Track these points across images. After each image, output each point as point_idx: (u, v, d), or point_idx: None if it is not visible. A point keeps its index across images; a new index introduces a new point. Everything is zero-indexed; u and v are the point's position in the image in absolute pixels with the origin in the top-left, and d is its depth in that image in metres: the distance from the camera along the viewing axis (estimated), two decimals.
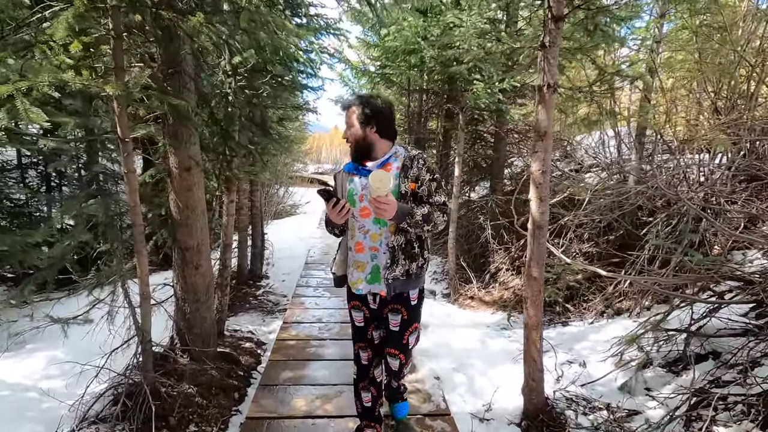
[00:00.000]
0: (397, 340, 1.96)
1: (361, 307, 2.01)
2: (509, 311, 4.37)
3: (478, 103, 4.32)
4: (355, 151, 1.88)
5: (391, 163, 1.87)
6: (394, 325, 1.94)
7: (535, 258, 2.38)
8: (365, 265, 1.90)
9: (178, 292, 2.90)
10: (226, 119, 3.17)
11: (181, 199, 2.77)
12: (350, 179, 1.93)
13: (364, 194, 1.85)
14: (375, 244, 1.87)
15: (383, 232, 1.86)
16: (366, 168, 1.88)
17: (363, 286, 1.92)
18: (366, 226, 1.88)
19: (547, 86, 2.18)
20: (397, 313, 1.93)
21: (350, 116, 1.86)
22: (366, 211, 1.85)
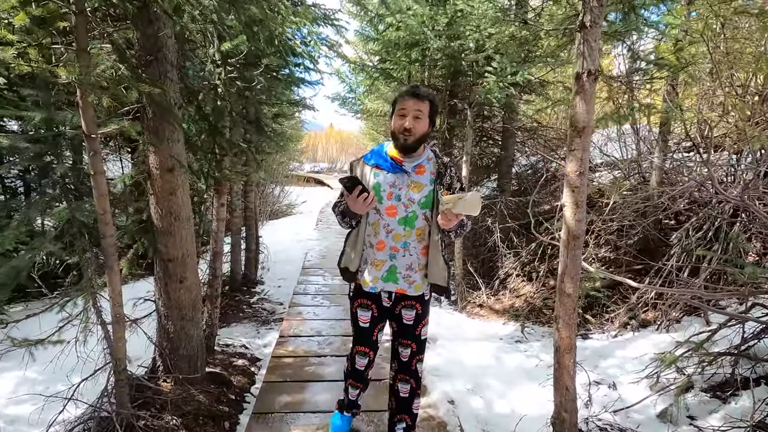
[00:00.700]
0: (411, 332, 1.96)
1: (370, 306, 1.94)
2: (522, 321, 4.07)
3: (489, 97, 4.01)
4: (410, 145, 1.78)
5: (424, 166, 1.83)
6: (407, 319, 1.94)
7: (569, 272, 2.08)
8: (383, 263, 1.85)
9: (161, 309, 2.58)
10: (214, 114, 2.84)
11: (162, 204, 2.44)
12: (375, 173, 1.84)
13: (393, 192, 1.81)
14: (396, 244, 1.82)
15: (408, 234, 1.82)
16: (401, 166, 1.81)
17: (378, 284, 1.86)
18: (391, 225, 1.82)
19: (587, 73, 1.87)
20: (411, 309, 1.93)
21: (422, 107, 1.76)
22: (393, 209, 1.81)
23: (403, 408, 2.03)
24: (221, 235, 3.21)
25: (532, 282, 4.65)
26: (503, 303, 4.58)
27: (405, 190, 1.80)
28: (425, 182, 1.81)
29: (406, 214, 1.80)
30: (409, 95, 1.77)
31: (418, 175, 1.82)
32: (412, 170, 1.81)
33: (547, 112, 6.94)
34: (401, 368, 2.02)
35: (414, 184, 1.81)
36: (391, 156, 1.83)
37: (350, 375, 2.14)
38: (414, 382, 2.01)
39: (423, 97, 1.76)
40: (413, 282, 1.87)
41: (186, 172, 2.54)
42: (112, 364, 2.03)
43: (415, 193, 1.80)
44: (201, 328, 2.76)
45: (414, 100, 1.75)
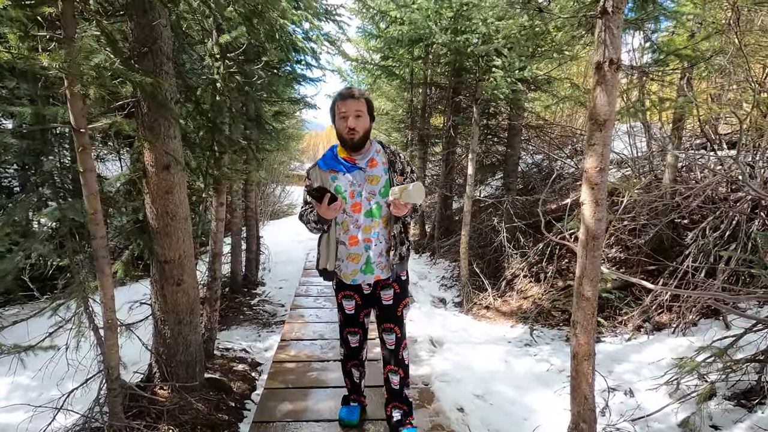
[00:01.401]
0: (392, 312, 2.05)
1: (353, 296, 2.06)
2: (531, 324, 3.95)
3: (496, 93, 3.89)
4: (357, 143, 1.88)
5: (375, 158, 1.95)
6: (386, 299, 2.02)
7: (587, 274, 1.96)
8: (360, 256, 1.95)
9: (157, 313, 2.47)
10: (213, 110, 2.73)
11: (158, 203, 2.33)
12: (332, 176, 1.95)
13: (354, 191, 1.91)
14: (368, 235, 1.95)
15: (375, 224, 1.95)
16: (355, 164, 1.92)
17: (358, 276, 1.97)
18: (359, 221, 1.94)
19: (609, 62, 1.75)
20: (389, 288, 2.02)
21: (360, 105, 1.87)
22: (357, 206, 1.92)
23: (396, 397, 2.14)
24: (220, 235, 3.10)
25: (539, 283, 4.53)
26: (510, 305, 4.46)
27: (364, 185, 1.92)
28: (380, 173, 1.94)
29: (370, 206, 1.93)
30: (347, 97, 1.87)
31: (372, 168, 1.94)
32: (365, 165, 1.93)
33: (553, 110, 6.82)
34: (390, 358, 2.10)
35: (370, 177, 1.93)
36: (344, 157, 1.94)
37: (348, 357, 2.22)
38: (402, 371, 2.11)
39: (359, 96, 1.89)
40: (384, 266, 1.98)
41: (183, 170, 2.43)
42: (103, 374, 1.92)
43: (374, 185, 1.93)
44: (199, 333, 2.65)
45: (352, 100, 1.86)
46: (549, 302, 4.20)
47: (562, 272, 4.50)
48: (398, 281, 2.03)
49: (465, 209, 4.61)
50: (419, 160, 7.89)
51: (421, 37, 4.84)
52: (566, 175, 6.95)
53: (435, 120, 9.45)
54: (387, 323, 2.06)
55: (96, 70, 1.65)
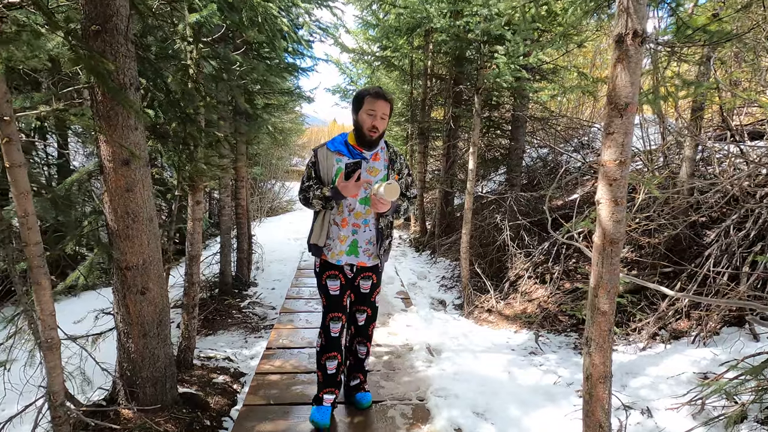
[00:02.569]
0: (367, 299, 2.26)
1: (338, 275, 2.16)
2: (536, 330, 3.69)
3: (498, 82, 3.60)
4: (375, 141, 2.03)
5: (379, 153, 2.11)
6: (364, 288, 2.22)
7: (604, 285, 1.69)
8: (346, 239, 2.10)
9: (120, 325, 2.22)
10: (184, 98, 2.46)
11: (117, 202, 2.08)
12: (338, 158, 2.06)
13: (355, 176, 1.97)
14: (358, 221, 2.09)
15: (367, 212, 2.09)
16: (361, 153, 2.05)
17: (343, 257, 2.11)
18: (352, 205, 2.08)
19: (632, 34, 1.47)
20: (368, 279, 2.20)
21: (387, 109, 2.01)
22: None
23: (358, 367, 2.40)
24: (198, 237, 2.85)
25: (545, 285, 4.26)
26: (514, 308, 4.19)
27: (364, 174, 2.03)
28: (381, 168, 2.10)
29: (366, 195, 2.05)
30: (379, 97, 1.98)
31: (375, 161, 2.09)
32: (369, 157, 2.07)
33: (559, 101, 6.51)
34: (358, 332, 2.35)
35: (372, 169, 2.08)
36: (352, 145, 2.07)
37: (325, 348, 2.26)
38: (369, 343, 2.38)
39: (388, 99, 2.01)
40: (371, 254, 2.14)
41: (146, 165, 2.16)
42: (46, 397, 1.68)
43: (373, 176, 2.07)
44: (170, 345, 2.40)
45: (383, 102, 1.98)
46: (555, 306, 3.93)
47: (570, 273, 4.23)
48: (376, 272, 2.23)
49: (466, 206, 4.33)
50: (419, 154, 7.61)
51: (419, 23, 4.54)
52: (572, 170, 6.66)
53: (436, 113, 9.15)
54: (361, 306, 2.28)
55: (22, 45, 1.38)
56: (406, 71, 7.82)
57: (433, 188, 8.83)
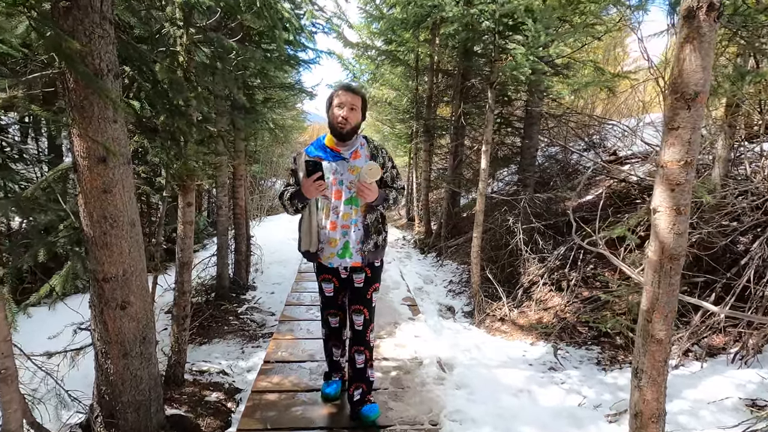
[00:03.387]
0: (361, 296, 2.19)
1: (332, 279, 2.21)
2: (554, 342, 3.43)
3: (515, 75, 3.33)
4: (346, 134, 2.00)
5: (359, 151, 2.08)
6: (358, 282, 2.16)
7: (660, 308, 1.43)
8: (337, 241, 2.08)
9: (97, 343, 1.96)
10: (172, 87, 2.20)
11: (93, 205, 1.82)
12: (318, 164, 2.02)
13: (336, 178, 2.03)
14: (346, 222, 2.08)
15: (354, 212, 2.07)
16: (340, 154, 2.04)
17: (335, 260, 2.10)
18: (339, 207, 2.06)
19: (707, 7, 1.21)
20: (361, 272, 2.15)
21: (356, 100, 2.00)
22: (339, 193, 2.05)
23: (359, 377, 2.30)
24: (189, 241, 2.59)
25: (561, 292, 4.00)
26: (528, 317, 3.94)
27: (346, 175, 2.04)
28: (361, 165, 2.02)
29: (350, 194, 2.05)
30: (345, 89, 2.00)
31: (355, 159, 2.06)
32: (349, 156, 2.05)
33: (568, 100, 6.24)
34: (356, 339, 2.26)
35: (352, 167, 2.04)
36: (330, 146, 2.05)
37: (329, 337, 2.39)
38: (368, 353, 2.28)
39: (356, 92, 2.02)
40: (365, 252, 2.10)
41: (127, 163, 1.91)
42: None
43: (354, 175, 2.03)
44: (155, 365, 2.15)
45: (350, 93, 1.99)
46: (573, 315, 3.67)
47: (588, 280, 3.97)
48: (371, 266, 2.17)
49: (477, 208, 4.07)
50: (425, 152, 7.35)
51: (429, 13, 4.28)
52: (582, 169, 6.39)
53: (441, 110, 8.89)
54: (356, 305, 2.21)
55: None
56: (411, 66, 7.55)
57: (438, 188, 8.57)
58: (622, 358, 3.08)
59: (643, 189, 4.34)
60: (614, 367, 3.00)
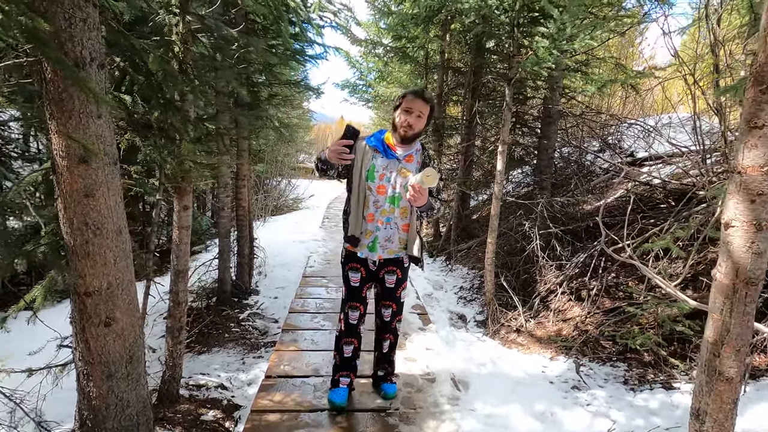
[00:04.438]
0: (392, 294, 2.30)
1: (359, 268, 2.23)
2: (575, 357, 3.20)
3: (537, 70, 3.11)
4: (408, 138, 2.08)
5: (413, 156, 2.15)
6: (389, 283, 2.26)
7: (732, 341, 1.20)
8: (371, 234, 2.16)
9: (78, 363, 1.77)
10: (166, 80, 2.00)
11: (73, 210, 1.63)
12: (374, 155, 2.12)
13: (384, 174, 2.11)
14: (383, 218, 2.14)
15: (393, 211, 2.14)
16: (395, 153, 2.11)
17: (365, 251, 2.18)
18: (380, 202, 2.13)
19: None
20: (392, 273, 2.25)
21: (424, 108, 2.05)
22: (383, 189, 2.12)
23: (384, 359, 2.49)
24: (185, 248, 2.40)
25: (581, 302, 3.76)
26: (546, 328, 3.70)
27: (395, 174, 2.10)
28: (412, 169, 2.10)
29: (393, 194, 2.11)
30: (418, 96, 2.04)
31: (407, 162, 2.11)
32: (403, 158, 2.10)
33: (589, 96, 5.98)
34: (383, 327, 2.40)
35: (403, 170, 2.10)
36: (388, 143, 2.11)
37: (343, 334, 2.37)
38: (393, 337, 2.45)
39: (428, 100, 2.06)
40: (389, 250, 2.18)
41: (113, 163, 1.71)
42: None
43: (403, 177, 2.08)
44: (144, 386, 1.95)
45: (421, 101, 2.03)
46: (595, 328, 3.44)
47: (609, 290, 3.73)
48: (401, 267, 2.27)
49: (492, 212, 3.84)
50: (434, 153, 7.12)
51: (442, 6, 4.06)
52: (599, 171, 6.13)
53: (450, 110, 8.65)
54: (387, 301, 2.32)
55: None
56: (420, 63, 7.33)
57: (448, 189, 8.35)
58: (651, 377, 2.85)
59: (668, 193, 4.09)
60: (644, 387, 2.76)
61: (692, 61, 3.82)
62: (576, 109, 4.97)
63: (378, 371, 2.52)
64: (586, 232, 4.38)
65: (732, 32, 3.71)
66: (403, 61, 7.16)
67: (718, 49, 3.42)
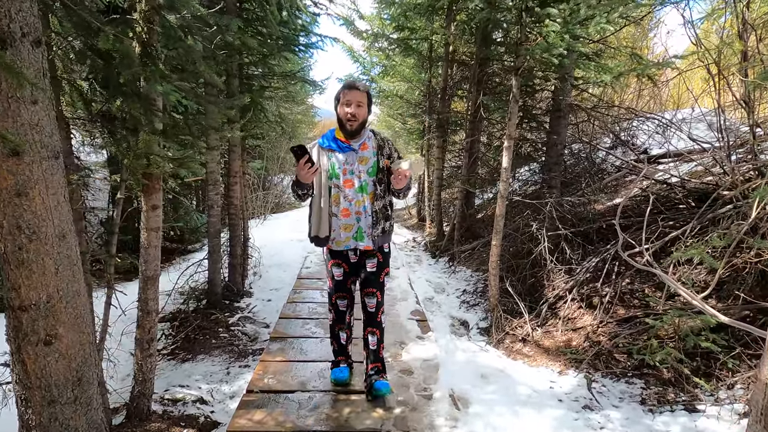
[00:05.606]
0: (375, 279, 2.37)
1: (342, 264, 2.36)
2: (587, 371, 2.94)
3: (547, 57, 2.83)
4: (354, 129, 2.18)
5: (367, 143, 2.26)
6: (371, 267, 2.35)
7: None
8: (352, 226, 2.25)
9: (16, 387, 1.54)
10: (122, 62, 1.76)
11: (3, 212, 1.39)
12: (330, 155, 2.22)
13: (347, 168, 2.21)
14: (359, 208, 2.24)
15: (364, 199, 2.25)
16: (350, 146, 2.21)
17: (351, 242, 2.27)
18: (350, 195, 2.23)
19: None
20: (373, 257, 2.34)
21: (362, 97, 2.17)
22: (350, 182, 2.22)
23: (374, 357, 2.47)
24: (154, 252, 2.16)
25: (592, 310, 3.49)
26: (555, 338, 3.44)
27: (356, 165, 2.22)
28: (369, 156, 2.24)
29: (360, 183, 2.22)
30: (352, 88, 2.17)
31: (363, 150, 2.23)
32: (358, 148, 2.22)
33: (593, 91, 5.66)
34: (369, 321, 2.43)
35: (361, 158, 2.23)
36: (340, 139, 2.22)
37: (336, 321, 2.50)
38: (379, 333, 2.45)
39: (362, 89, 2.19)
40: (375, 237, 2.27)
41: (54, 157, 1.48)
42: None
43: (363, 165, 2.23)
44: (97, 409, 1.72)
45: (356, 91, 2.16)
46: (608, 339, 3.17)
47: (624, 297, 3.45)
48: (381, 251, 2.35)
49: (497, 212, 3.57)
50: (437, 149, 6.85)
51: None
52: (611, 169, 5.83)
53: (455, 105, 8.36)
54: (369, 288, 2.38)
55: None
56: (424, 56, 7.05)
57: (451, 186, 8.07)
58: (672, 396, 2.57)
59: (688, 192, 3.79)
60: (663, 409, 2.49)
61: (716, 48, 3.50)
62: (587, 102, 4.68)
63: (370, 370, 2.52)
64: (598, 233, 4.10)
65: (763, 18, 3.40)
66: (406, 54, 6.89)
67: (747, 35, 3.12)
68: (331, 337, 2.58)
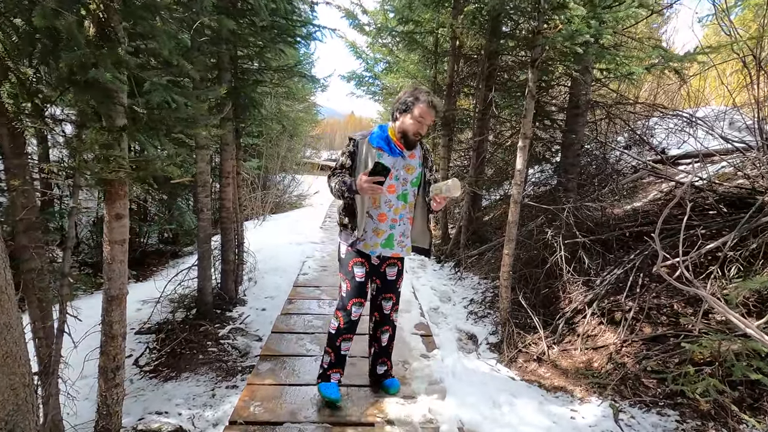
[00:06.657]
0: (393, 286, 2.41)
1: (365, 264, 2.29)
2: (612, 399, 2.62)
3: (569, 46, 2.51)
4: (414, 141, 2.19)
5: (415, 152, 2.27)
6: (391, 275, 2.38)
7: None
8: (384, 232, 2.26)
9: None
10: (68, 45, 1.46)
11: None
12: (379, 154, 2.17)
13: (393, 173, 2.15)
14: (396, 216, 2.25)
15: (403, 207, 2.27)
16: (402, 151, 2.21)
17: (378, 249, 2.27)
18: (391, 201, 2.23)
19: None
20: (394, 266, 2.38)
21: (431, 118, 2.14)
22: (392, 187, 2.20)
23: (384, 353, 2.54)
24: (119, 268, 1.87)
25: (615, 327, 3.17)
26: (573, 358, 3.12)
27: (402, 172, 2.23)
28: (416, 165, 2.27)
29: (402, 191, 2.25)
30: (432, 108, 2.12)
31: (411, 159, 2.26)
32: (407, 155, 2.24)
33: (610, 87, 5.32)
34: (383, 320, 2.47)
35: (408, 166, 2.25)
36: (394, 141, 2.19)
37: (342, 331, 2.35)
38: (391, 329, 2.51)
39: (440, 111, 2.20)
40: (404, 246, 2.34)
41: None
42: None
43: (409, 174, 2.25)
44: None
45: (435, 113, 2.15)
46: (635, 362, 2.85)
47: (650, 313, 3.13)
48: (401, 260, 2.40)
49: (510, 219, 3.26)
50: (443, 148, 6.53)
51: None
52: (628, 170, 5.49)
53: (462, 102, 8.03)
54: (387, 293, 2.41)
55: None
56: (429, 51, 6.73)
57: None
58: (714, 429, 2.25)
59: (720, 198, 3.45)
60: None
61: (753, 38, 3.17)
62: (607, 98, 4.34)
63: (377, 367, 2.54)
64: (618, 241, 3.78)
65: None
66: (410, 49, 6.58)
67: None
68: (329, 346, 2.42)
